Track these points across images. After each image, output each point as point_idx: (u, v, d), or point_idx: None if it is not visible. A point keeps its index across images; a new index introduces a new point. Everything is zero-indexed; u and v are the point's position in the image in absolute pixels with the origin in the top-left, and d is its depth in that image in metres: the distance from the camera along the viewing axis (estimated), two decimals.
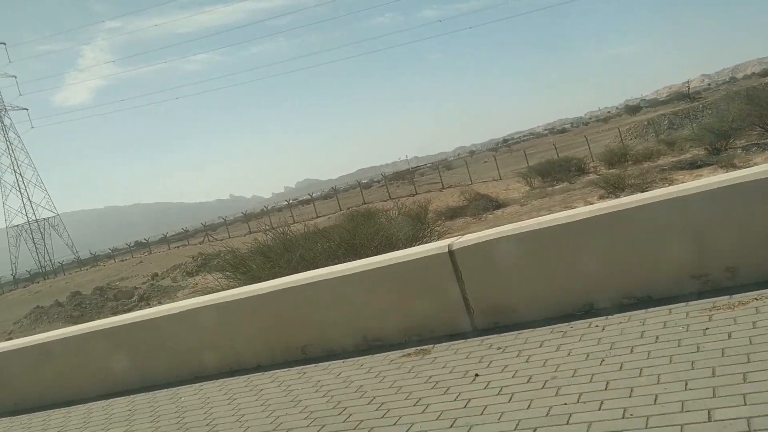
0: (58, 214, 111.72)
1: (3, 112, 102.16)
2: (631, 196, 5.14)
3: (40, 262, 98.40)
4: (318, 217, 49.55)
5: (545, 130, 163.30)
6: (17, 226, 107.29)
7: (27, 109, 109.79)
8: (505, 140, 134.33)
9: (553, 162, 35.67)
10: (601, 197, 19.72)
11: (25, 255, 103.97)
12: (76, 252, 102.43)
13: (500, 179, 40.51)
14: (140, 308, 25.24)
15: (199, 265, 30.82)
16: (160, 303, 25.74)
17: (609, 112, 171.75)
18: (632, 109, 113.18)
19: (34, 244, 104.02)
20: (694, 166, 20.57)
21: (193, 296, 19.98)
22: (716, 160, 20.02)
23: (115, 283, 32.07)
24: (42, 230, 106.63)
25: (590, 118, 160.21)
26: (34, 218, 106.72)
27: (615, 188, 19.27)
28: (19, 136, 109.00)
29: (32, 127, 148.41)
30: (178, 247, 59.64)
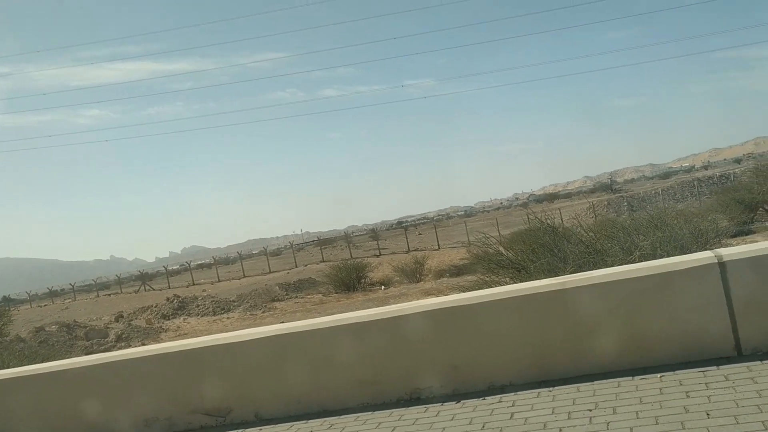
0: None
1: None
2: None
3: None
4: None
5: (439, 215, 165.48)
6: None
7: None
8: (399, 222, 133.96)
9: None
10: None
11: None
12: None
13: (461, 247, 40.14)
14: (119, 348, 22.85)
15: (176, 307, 28.52)
16: (143, 343, 23.41)
17: (501, 203, 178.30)
18: (550, 197, 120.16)
19: None
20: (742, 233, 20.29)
21: (180, 338, 18.08)
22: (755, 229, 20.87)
23: (84, 322, 28.95)
24: None
25: (482, 208, 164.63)
26: None
27: None
28: None
29: None
30: (109, 295, 55.69)
